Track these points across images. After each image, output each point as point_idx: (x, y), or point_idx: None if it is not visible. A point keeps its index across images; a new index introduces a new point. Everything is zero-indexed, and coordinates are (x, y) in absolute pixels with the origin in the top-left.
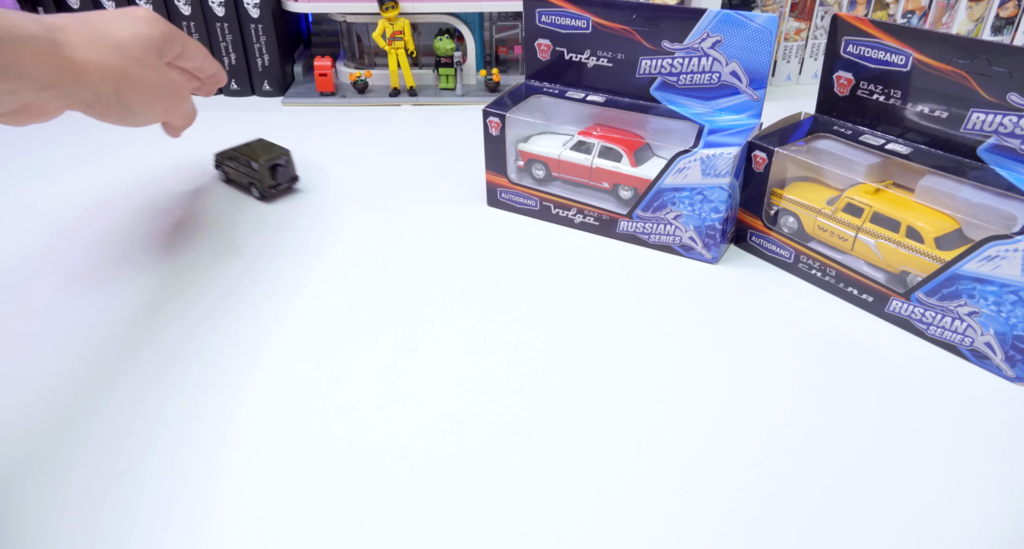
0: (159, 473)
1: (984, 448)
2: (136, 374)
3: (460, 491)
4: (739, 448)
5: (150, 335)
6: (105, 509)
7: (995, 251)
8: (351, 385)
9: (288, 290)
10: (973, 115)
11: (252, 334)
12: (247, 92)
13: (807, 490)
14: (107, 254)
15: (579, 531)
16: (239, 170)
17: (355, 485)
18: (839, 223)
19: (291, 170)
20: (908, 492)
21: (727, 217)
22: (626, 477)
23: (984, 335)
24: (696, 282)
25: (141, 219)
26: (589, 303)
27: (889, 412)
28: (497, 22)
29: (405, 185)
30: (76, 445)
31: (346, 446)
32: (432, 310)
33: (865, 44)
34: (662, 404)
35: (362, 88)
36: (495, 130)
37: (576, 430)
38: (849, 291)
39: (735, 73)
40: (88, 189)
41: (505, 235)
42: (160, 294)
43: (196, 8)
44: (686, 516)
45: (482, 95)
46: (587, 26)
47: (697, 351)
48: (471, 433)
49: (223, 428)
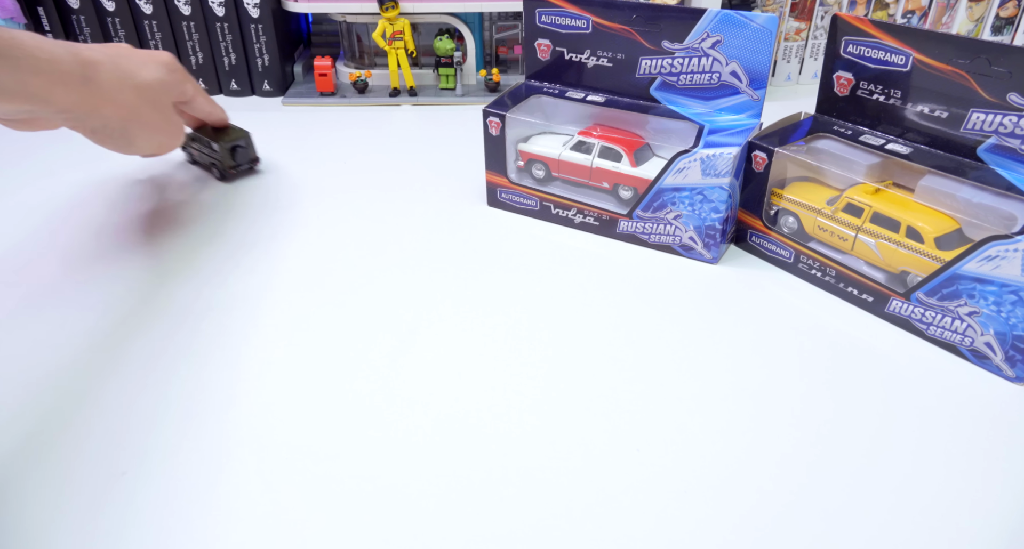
0: (159, 473)
1: (984, 448)
2: (135, 374)
3: (459, 491)
4: (739, 448)
5: (145, 332)
6: (105, 509)
7: (995, 251)
8: (351, 385)
9: (287, 289)
10: (973, 115)
11: (251, 333)
12: (247, 92)
13: (806, 490)
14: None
15: (579, 531)
16: (201, 151)
17: (355, 485)
18: (839, 223)
19: (251, 152)
20: (908, 492)
21: (727, 217)
22: (626, 477)
23: (984, 335)
24: (696, 282)
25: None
26: (589, 303)
27: (889, 412)
28: (497, 22)
29: (405, 185)
30: (76, 445)
31: (346, 446)
32: (432, 310)
33: (865, 44)
34: (662, 404)
35: (362, 88)
36: (495, 130)
37: (576, 430)
38: (849, 291)
39: (735, 73)
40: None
41: (505, 235)
42: (155, 290)
43: (196, 8)
44: (686, 516)
45: (482, 95)
46: (587, 26)
47: (697, 351)
48: (470, 433)
49: (223, 427)
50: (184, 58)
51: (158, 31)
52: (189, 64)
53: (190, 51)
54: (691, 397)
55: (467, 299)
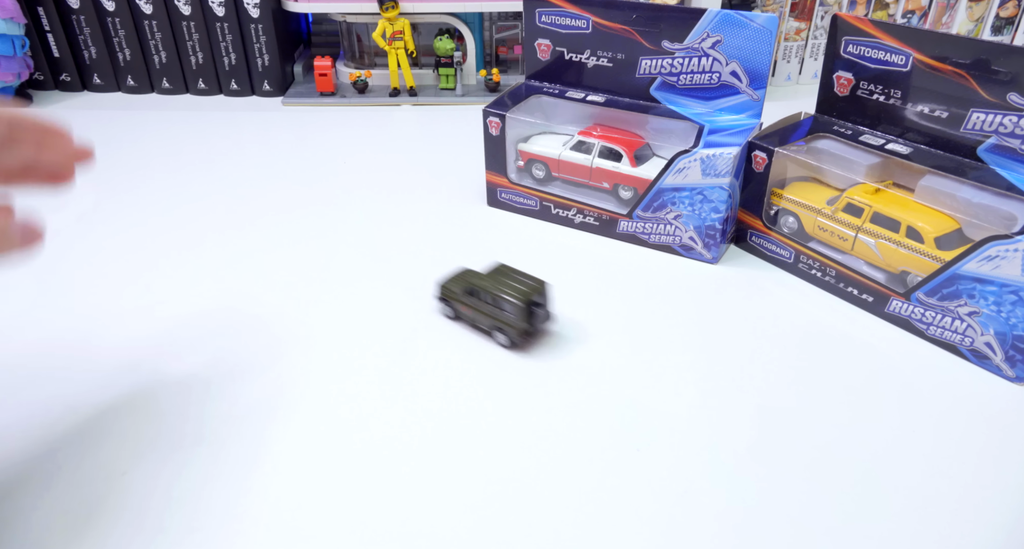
0: (159, 472)
1: (984, 448)
2: (135, 375)
3: (459, 491)
4: (738, 448)
5: (145, 335)
6: (106, 509)
7: (995, 251)
8: (350, 385)
9: (286, 289)
10: (973, 115)
11: (251, 333)
12: (247, 92)
13: (806, 489)
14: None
15: (579, 531)
16: (478, 309)
17: (355, 485)
18: (839, 223)
19: (548, 308)
20: (908, 492)
21: (727, 217)
22: (626, 477)
23: (984, 335)
24: (696, 282)
25: None
26: (589, 303)
27: (889, 412)
28: (497, 22)
29: (405, 185)
30: (76, 445)
31: (346, 446)
32: (432, 310)
33: (865, 44)
34: (662, 404)
35: (362, 88)
36: (495, 130)
37: (575, 430)
38: (849, 291)
39: (735, 73)
40: None
41: (505, 235)
42: (152, 287)
43: (196, 8)
44: (686, 516)
45: (482, 95)
46: (587, 26)
47: (697, 351)
48: (470, 433)
49: (223, 427)
50: (184, 58)
51: (158, 31)
52: (189, 64)
53: (190, 51)
54: (691, 397)
55: None
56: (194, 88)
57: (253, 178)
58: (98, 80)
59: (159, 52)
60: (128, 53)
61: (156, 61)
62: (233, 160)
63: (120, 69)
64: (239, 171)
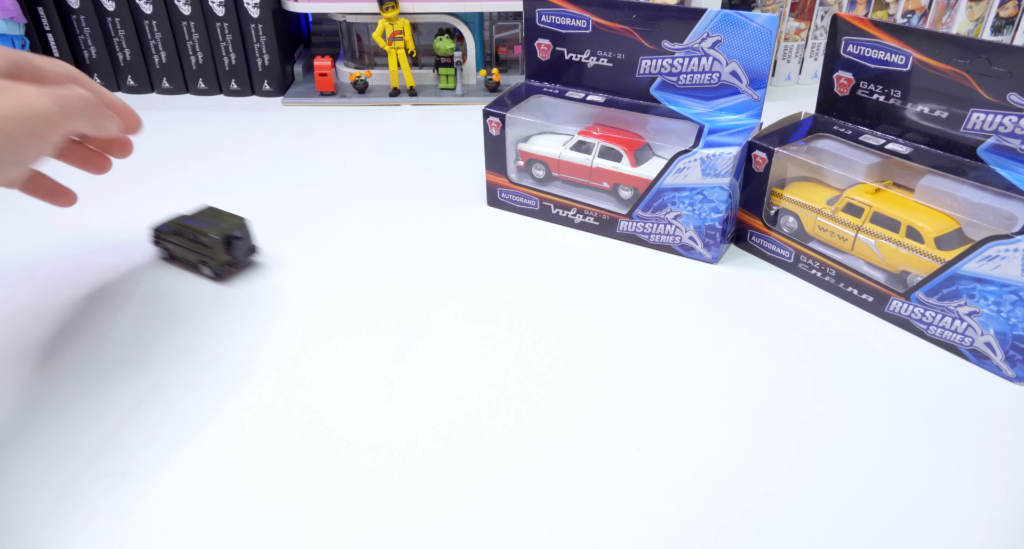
0: (160, 472)
1: (984, 448)
2: (135, 376)
3: (459, 491)
4: (738, 448)
5: (146, 340)
6: (106, 508)
7: (995, 251)
8: (350, 385)
9: (285, 289)
10: (973, 115)
11: (251, 332)
12: (247, 92)
13: (807, 489)
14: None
15: (579, 531)
16: (184, 246)
17: (356, 485)
18: (839, 223)
19: (249, 242)
20: (908, 492)
21: (727, 217)
22: (626, 477)
23: (984, 335)
24: (696, 282)
25: None
26: (589, 303)
27: (889, 412)
28: (497, 22)
29: (405, 185)
30: (77, 445)
31: (347, 446)
32: (432, 310)
33: (865, 44)
34: (662, 404)
35: (362, 88)
36: (495, 130)
37: (576, 430)
38: (849, 291)
39: (735, 73)
40: None
41: (505, 235)
42: (144, 284)
43: (196, 8)
44: (686, 517)
45: (482, 95)
46: (587, 26)
47: (697, 351)
48: (471, 433)
49: (223, 427)
50: (184, 58)
51: (158, 31)
52: (189, 64)
53: (190, 51)
54: (691, 397)
55: (467, 299)
56: (194, 88)
57: (253, 178)
58: (98, 80)
59: (159, 52)
60: (128, 53)
61: (156, 61)
62: (233, 160)
63: (120, 69)
64: (239, 171)
